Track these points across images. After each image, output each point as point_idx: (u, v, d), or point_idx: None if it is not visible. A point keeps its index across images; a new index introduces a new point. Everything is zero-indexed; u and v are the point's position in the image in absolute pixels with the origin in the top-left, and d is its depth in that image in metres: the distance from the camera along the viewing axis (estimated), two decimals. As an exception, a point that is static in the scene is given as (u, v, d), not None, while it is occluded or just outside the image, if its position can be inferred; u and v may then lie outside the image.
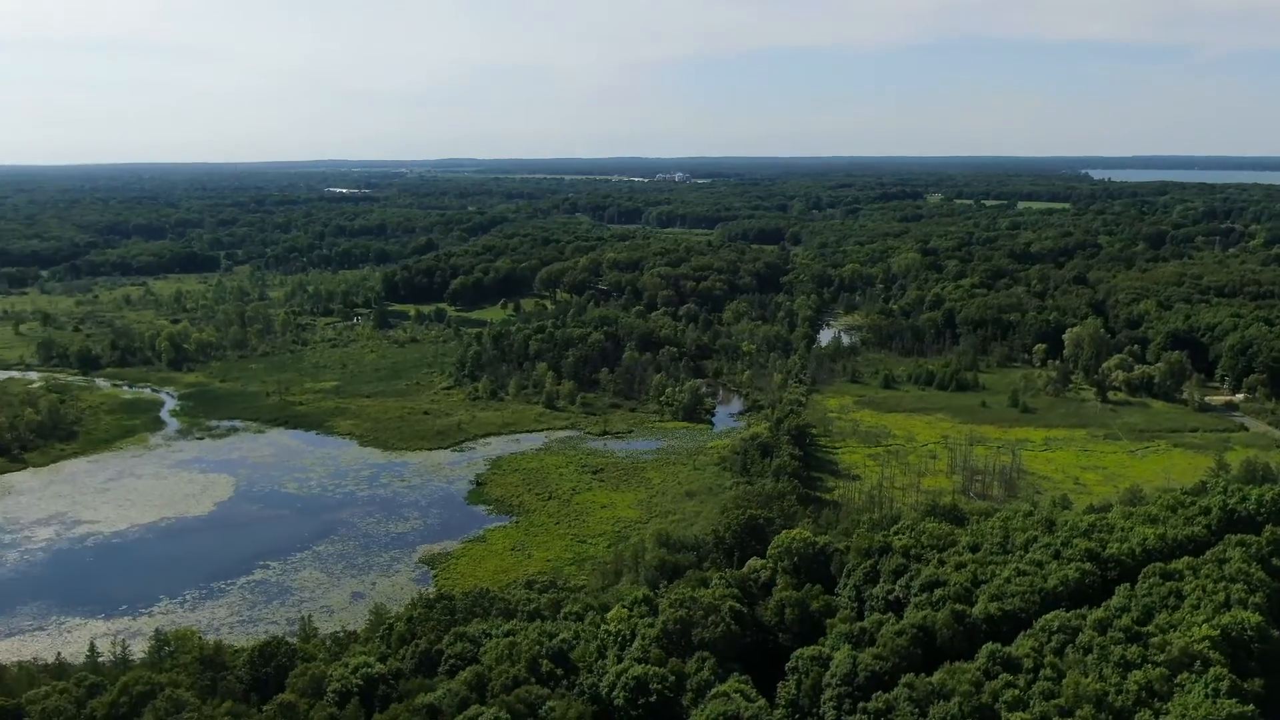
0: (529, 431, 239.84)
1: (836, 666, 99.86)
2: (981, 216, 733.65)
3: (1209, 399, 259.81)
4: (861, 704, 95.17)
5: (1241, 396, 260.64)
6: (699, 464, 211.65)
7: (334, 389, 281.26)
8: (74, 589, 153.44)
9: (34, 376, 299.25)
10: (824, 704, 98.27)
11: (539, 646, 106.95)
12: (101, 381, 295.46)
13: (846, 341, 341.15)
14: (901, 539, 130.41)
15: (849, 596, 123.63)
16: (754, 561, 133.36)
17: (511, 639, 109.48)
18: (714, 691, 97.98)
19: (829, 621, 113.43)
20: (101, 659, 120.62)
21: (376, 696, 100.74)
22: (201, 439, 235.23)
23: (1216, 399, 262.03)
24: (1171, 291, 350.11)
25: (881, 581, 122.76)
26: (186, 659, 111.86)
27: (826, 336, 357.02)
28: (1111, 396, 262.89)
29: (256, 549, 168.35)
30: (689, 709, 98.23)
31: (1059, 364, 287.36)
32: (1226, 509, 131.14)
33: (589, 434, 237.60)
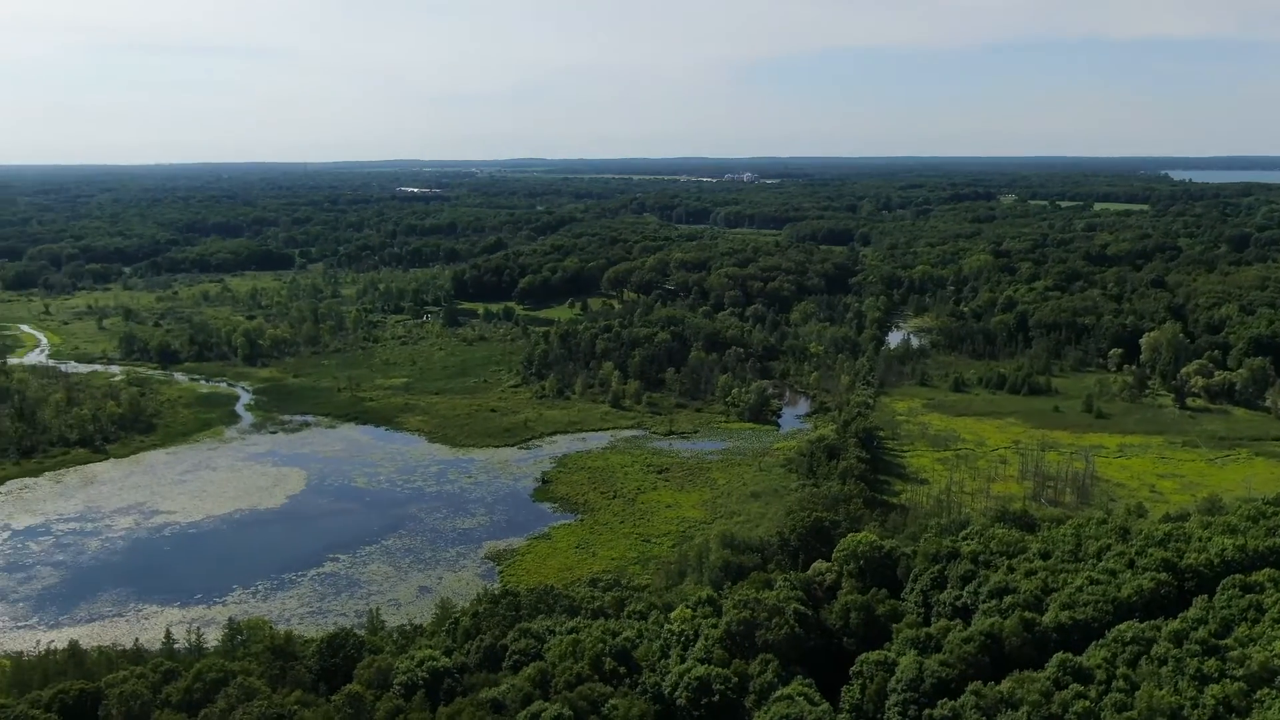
0: (595, 430, 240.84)
1: (902, 672, 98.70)
2: (1056, 218, 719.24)
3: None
4: (927, 711, 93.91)
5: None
6: (764, 465, 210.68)
7: (403, 386, 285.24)
8: (152, 577, 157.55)
9: (116, 370, 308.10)
10: (889, 710, 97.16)
11: (602, 645, 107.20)
12: (180, 375, 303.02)
13: (916, 344, 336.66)
14: (970, 544, 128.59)
15: (915, 602, 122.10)
16: (819, 564, 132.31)
17: (575, 636, 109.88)
18: (777, 694, 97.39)
19: (895, 626, 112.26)
20: (177, 646, 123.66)
21: (441, 690, 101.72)
22: (275, 433, 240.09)
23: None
24: (1255, 296, 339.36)
25: (949, 587, 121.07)
26: (258, 648, 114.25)
27: (895, 338, 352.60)
28: (1190, 403, 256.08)
29: (326, 542, 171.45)
30: (751, 711, 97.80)
31: (1135, 369, 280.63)
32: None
33: (654, 433, 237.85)
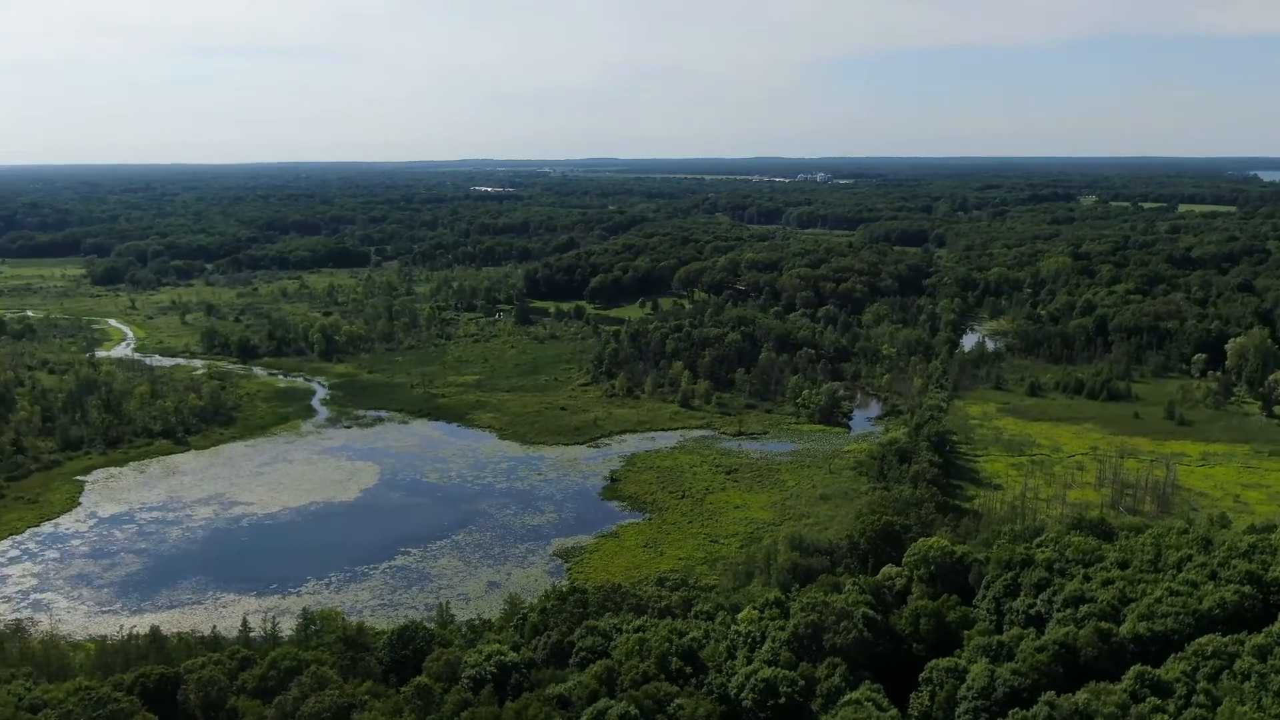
0: (664, 430, 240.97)
1: (973, 680, 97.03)
2: (1139, 219, 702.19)
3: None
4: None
5: None
6: (834, 467, 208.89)
7: (475, 383, 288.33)
8: (230, 566, 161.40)
9: (198, 364, 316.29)
10: (959, 718, 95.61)
11: (669, 644, 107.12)
12: (259, 370, 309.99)
13: (991, 347, 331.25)
14: (1045, 552, 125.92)
15: (987, 609, 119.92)
16: (889, 569, 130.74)
17: (642, 635, 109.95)
18: (845, 699, 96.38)
19: (966, 633, 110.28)
20: (253, 634, 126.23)
21: (509, 684, 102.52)
22: (349, 427, 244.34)
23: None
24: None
25: (1022, 595, 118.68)
26: (330, 638, 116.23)
27: (970, 341, 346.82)
28: (1278, 411, 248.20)
29: (398, 536, 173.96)
30: (819, 714, 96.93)
31: (1220, 375, 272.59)
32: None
33: (723, 434, 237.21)
